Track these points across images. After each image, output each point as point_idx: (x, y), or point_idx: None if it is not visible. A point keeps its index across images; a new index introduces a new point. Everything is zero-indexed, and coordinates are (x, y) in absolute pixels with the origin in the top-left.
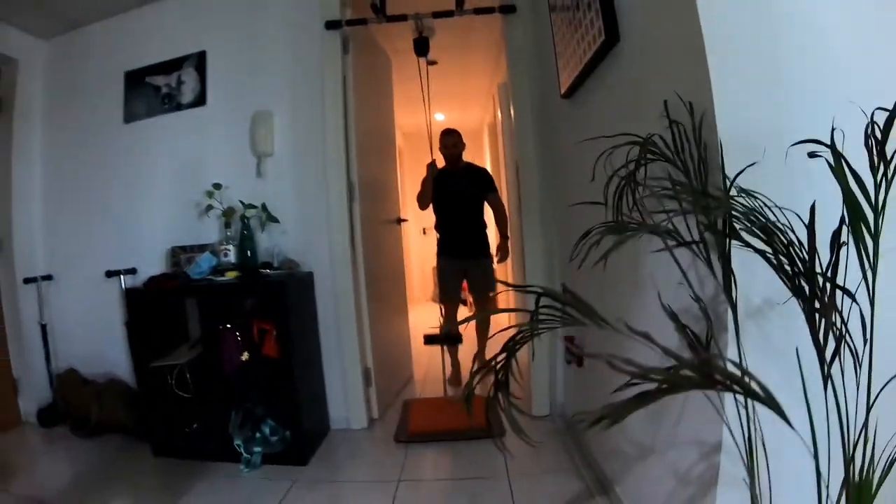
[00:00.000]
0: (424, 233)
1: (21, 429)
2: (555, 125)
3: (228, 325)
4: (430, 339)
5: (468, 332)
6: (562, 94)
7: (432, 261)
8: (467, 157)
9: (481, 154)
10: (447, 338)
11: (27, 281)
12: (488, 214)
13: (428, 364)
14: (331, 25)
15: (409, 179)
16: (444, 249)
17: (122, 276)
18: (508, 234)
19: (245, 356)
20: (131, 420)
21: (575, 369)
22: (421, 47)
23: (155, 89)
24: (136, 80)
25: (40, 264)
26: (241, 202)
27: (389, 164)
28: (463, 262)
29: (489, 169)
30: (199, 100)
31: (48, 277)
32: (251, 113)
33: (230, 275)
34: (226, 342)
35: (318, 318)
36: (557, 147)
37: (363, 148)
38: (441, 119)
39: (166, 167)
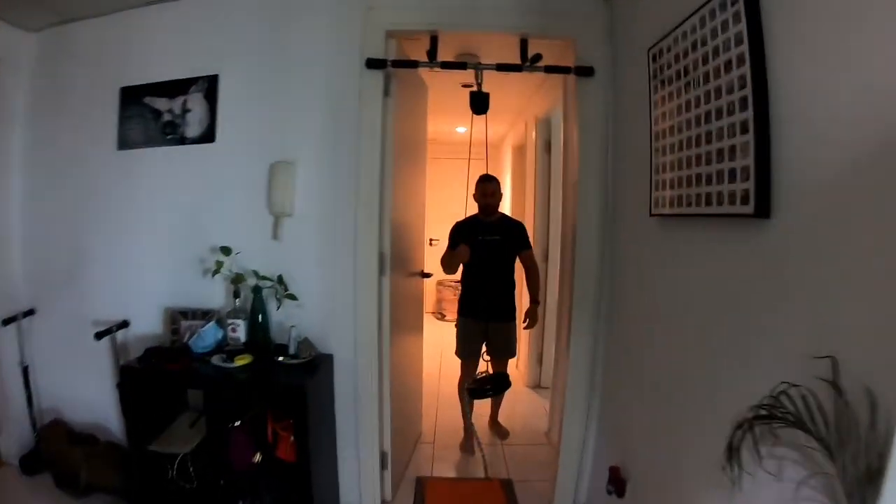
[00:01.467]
0: (431, 244)
1: (2, 470)
2: (634, 235)
3: (238, 423)
4: (476, 393)
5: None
6: (654, 212)
7: (439, 271)
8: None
9: (500, 168)
10: (497, 383)
11: (6, 322)
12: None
13: (437, 417)
14: (373, 64)
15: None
16: (469, 310)
17: (114, 334)
18: (539, 299)
19: (257, 458)
20: (124, 483)
21: (615, 500)
22: (479, 103)
23: (154, 113)
24: (133, 99)
25: (22, 296)
26: (255, 272)
27: (419, 214)
28: (486, 325)
29: (512, 202)
30: (207, 135)
31: (30, 312)
32: (269, 161)
33: (240, 361)
34: (236, 442)
35: (336, 403)
36: (630, 257)
37: (398, 207)
38: (462, 132)
39: (164, 210)
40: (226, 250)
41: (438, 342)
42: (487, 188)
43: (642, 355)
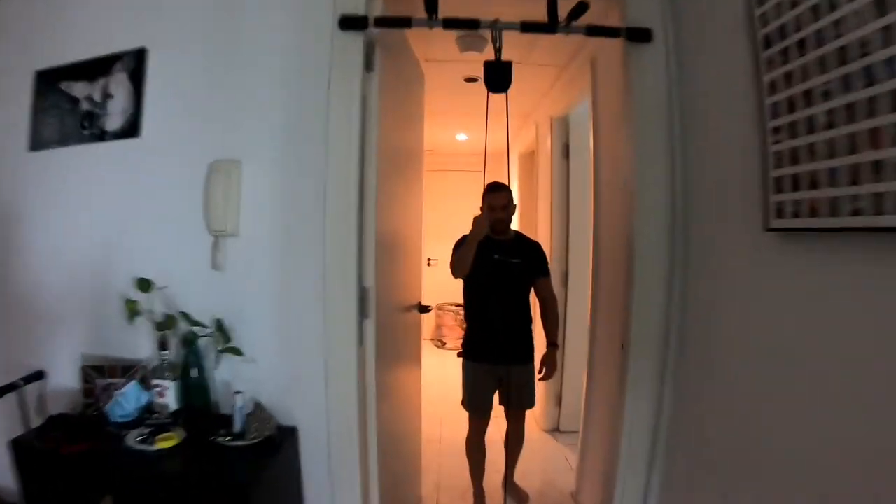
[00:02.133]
0: (429, 264)
1: None
2: (729, 259)
3: None
4: None
5: (495, 446)
6: (775, 226)
7: (438, 295)
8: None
9: (504, 180)
10: None
11: None
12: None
13: (440, 471)
14: (349, 24)
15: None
16: (476, 352)
17: (22, 388)
18: (558, 342)
19: None
20: None
21: None
22: (499, 77)
23: (72, 102)
24: (49, 85)
25: None
26: (186, 316)
27: (414, 232)
28: (499, 369)
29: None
30: (131, 127)
31: None
32: (208, 160)
33: (163, 443)
34: None
35: (305, 490)
36: (723, 290)
37: (387, 224)
38: (463, 139)
39: (80, 227)
40: (144, 285)
41: (439, 375)
42: (496, 199)
43: (745, 438)
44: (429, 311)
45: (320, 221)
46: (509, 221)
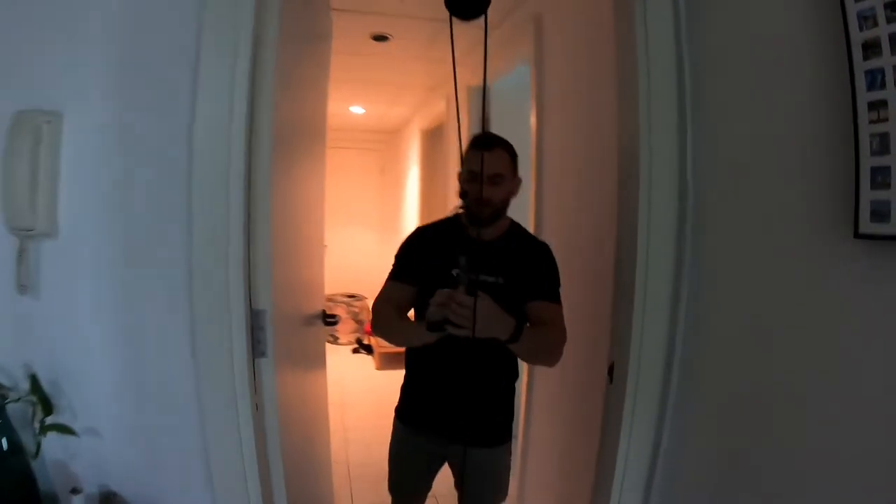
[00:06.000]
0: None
1: None
2: (778, 277)
3: None
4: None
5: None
6: (868, 232)
7: (327, 285)
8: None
9: (402, 162)
10: None
11: None
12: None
13: None
14: None
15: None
16: (412, 413)
17: None
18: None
19: None
20: None
21: None
22: None
23: None
24: None
25: None
26: None
27: (316, 226)
28: (448, 448)
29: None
30: None
31: None
32: (9, 111)
33: None
34: None
35: None
36: (765, 316)
37: (285, 224)
38: (358, 113)
39: None
40: None
41: (334, 377)
42: (487, 163)
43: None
44: (335, 323)
45: (182, 210)
46: (502, 206)
